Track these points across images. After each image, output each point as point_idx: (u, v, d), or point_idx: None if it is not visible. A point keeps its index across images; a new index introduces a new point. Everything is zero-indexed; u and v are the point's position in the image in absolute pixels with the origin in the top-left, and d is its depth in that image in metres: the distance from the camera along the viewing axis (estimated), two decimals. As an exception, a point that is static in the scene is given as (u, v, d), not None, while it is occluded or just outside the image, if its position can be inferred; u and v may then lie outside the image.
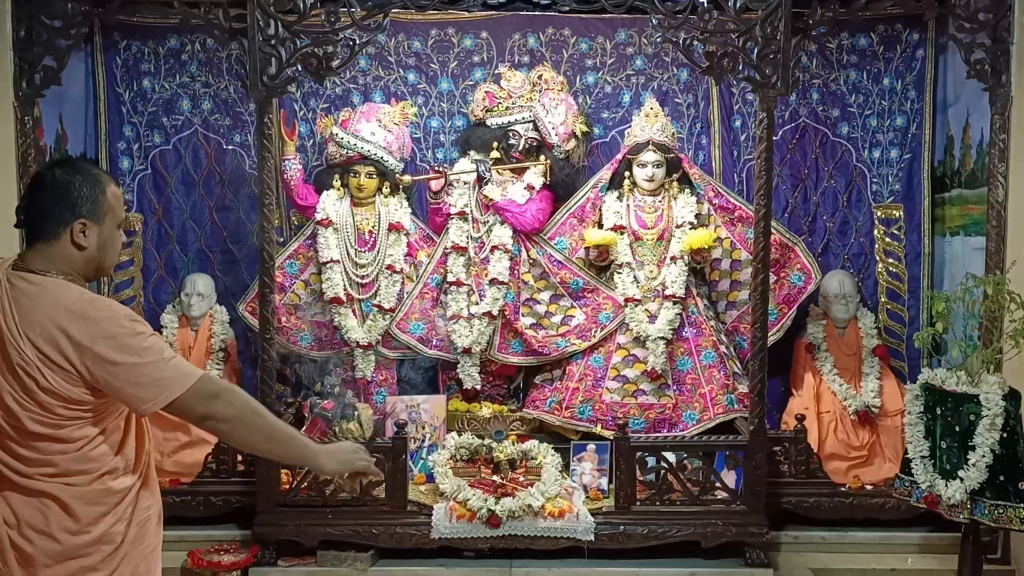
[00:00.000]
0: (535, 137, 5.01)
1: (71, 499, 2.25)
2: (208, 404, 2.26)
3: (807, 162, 5.21)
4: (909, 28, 5.04)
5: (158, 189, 5.20)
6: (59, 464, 2.24)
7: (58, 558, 2.24)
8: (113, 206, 2.32)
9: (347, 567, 4.31)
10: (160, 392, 2.22)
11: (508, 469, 4.49)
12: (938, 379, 3.88)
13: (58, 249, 2.27)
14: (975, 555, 3.93)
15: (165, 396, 2.22)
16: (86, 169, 2.32)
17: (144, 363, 2.21)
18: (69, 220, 2.26)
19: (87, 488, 2.26)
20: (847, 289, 5.00)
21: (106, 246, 2.33)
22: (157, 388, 2.22)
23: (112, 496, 2.30)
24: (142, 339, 2.22)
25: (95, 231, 2.29)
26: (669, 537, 4.34)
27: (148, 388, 2.21)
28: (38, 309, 2.20)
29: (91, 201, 2.27)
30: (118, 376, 2.19)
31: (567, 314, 5.03)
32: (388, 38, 5.11)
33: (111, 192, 2.32)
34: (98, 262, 2.33)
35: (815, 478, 4.64)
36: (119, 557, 2.31)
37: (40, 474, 2.23)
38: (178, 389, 2.23)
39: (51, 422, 2.21)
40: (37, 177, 2.31)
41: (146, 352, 2.22)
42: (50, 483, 2.24)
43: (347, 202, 4.97)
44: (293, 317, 5.01)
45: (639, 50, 5.22)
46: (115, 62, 5.09)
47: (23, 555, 2.24)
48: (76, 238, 2.27)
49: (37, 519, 2.23)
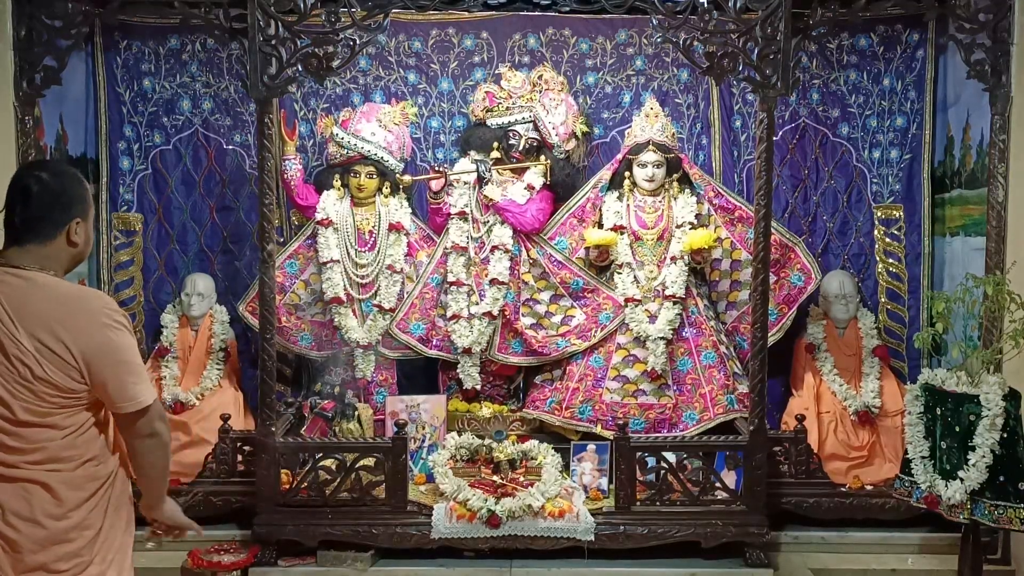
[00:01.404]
0: (535, 137, 5.01)
1: (58, 484, 2.33)
2: (158, 424, 2.43)
3: (807, 162, 5.21)
4: (909, 28, 5.04)
5: (158, 189, 5.20)
6: (48, 450, 2.32)
7: (44, 543, 2.32)
8: (91, 203, 2.49)
9: (347, 567, 4.31)
10: (138, 396, 2.36)
11: (508, 469, 4.49)
12: (938, 379, 3.88)
13: (52, 248, 2.37)
14: (975, 555, 3.94)
15: (141, 401, 2.36)
16: (68, 171, 2.46)
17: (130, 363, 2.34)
18: (66, 221, 2.38)
19: (72, 474, 2.35)
20: (847, 289, 5.00)
21: (88, 240, 2.48)
22: (133, 392, 2.36)
23: (94, 482, 2.39)
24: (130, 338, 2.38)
25: (84, 227, 2.44)
26: (669, 537, 4.34)
27: (129, 389, 2.35)
28: (31, 302, 2.28)
29: (82, 201, 2.43)
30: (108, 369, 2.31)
31: (567, 314, 5.03)
32: (388, 38, 5.12)
33: (89, 190, 2.49)
34: (81, 255, 2.47)
35: (815, 478, 4.64)
36: (99, 541, 2.40)
37: (26, 462, 2.30)
38: (148, 400, 2.39)
39: (42, 410, 2.30)
40: (25, 186, 2.37)
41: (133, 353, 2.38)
42: (36, 470, 2.31)
43: (347, 202, 4.97)
44: (293, 317, 5.01)
45: (639, 50, 5.22)
46: (115, 62, 5.09)
47: (9, 542, 2.31)
48: (73, 237, 2.39)
49: (22, 506, 2.31)
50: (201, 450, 4.67)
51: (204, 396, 4.93)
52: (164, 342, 5.02)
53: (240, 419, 4.87)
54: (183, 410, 4.86)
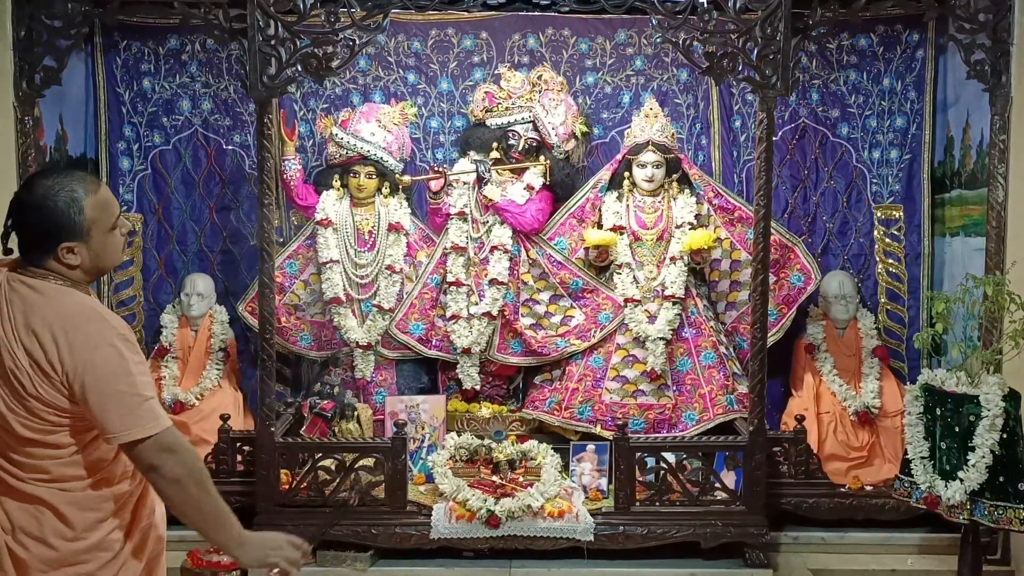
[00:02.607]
0: (535, 137, 5.01)
1: (65, 505, 2.21)
2: (161, 457, 2.18)
3: (807, 163, 5.20)
4: (909, 29, 5.04)
5: (158, 189, 5.20)
6: (51, 470, 2.21)
7: (53, 564, 2.21)
8: (97, 218, 2.24)
9: (347, 567, 4.31)
10: (127, 429, 2.16)
11: (507, 469, 4.49)
12: (938, 380, 3.88)
13: (54, 266, 2.23)
14: (975, 556, 3.93)
15: (130, 434, 2.16)
16: (64, 186, 2.21)
17: (122, 393, 2.16)
18: (52, 247, 2.20)
19: (81, 494, 2.23)
20: (847, 290, 5.00)
21: (100, 255, 2.27)
22: (124, 424, 2.15)
23: (108, 502, 2.27)
24: (128, 364, 2.17)
25: (82, 248, 2.23)
26: (668, 538, 4.34)
27: (117, 420, 2.15)
28: (36, 314, 2.17)
29: (69, 225, 2.20)
30: (95, 395, 2.15)
31: (566, 314, 5.03)
32: (388, 38, 5.11)
33: (92, 205, 2.22)
34: (96, 268, 2.29)
35: (815, 479, 4.64)
36: (118, 564, 2.27)
37: (33, 479, 2.21)
38: (143, 432, 2.16)
39: (39, 427, 2.18)
40: (18, 200, 2.23)
41: (129, 382, 2.17)
42: (44, 488, 2.21)
43: (347, 202, 4.97)
44: (293, 317, 5.01)
45: (639, 50, 5.22)
46: (115, 62, 5.09)
47: (18, 561, 2.21)
48: (65, 260, 2.22)
49: (32, 525, 2.21)
50: (201, 450, 4.65)
51: (204, 396, 4.93)
52: (164, 342, 5.02)
53: (240, 419, 4.87)
54: (183, 410, 4.86)
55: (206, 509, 2.25)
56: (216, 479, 4.56)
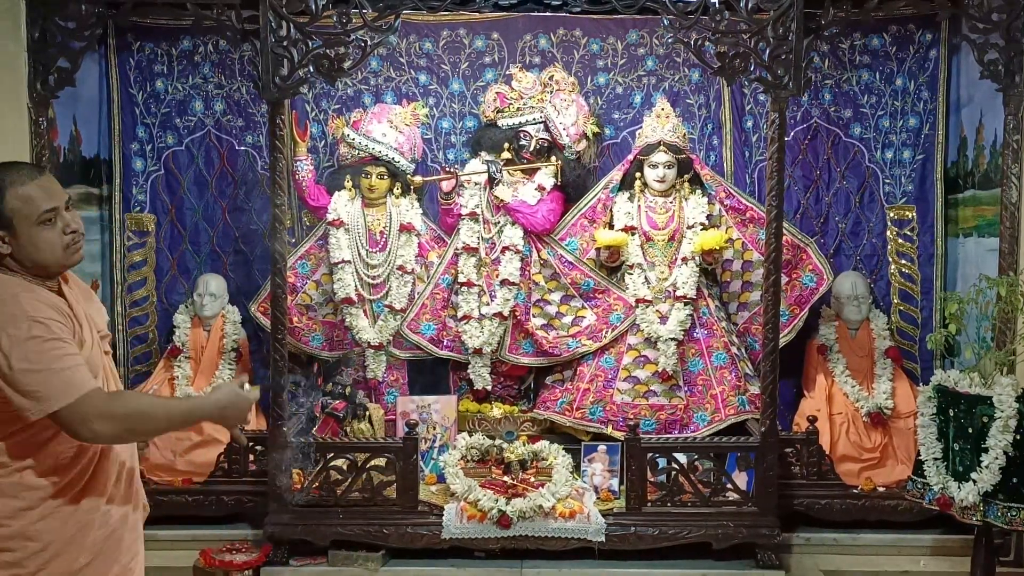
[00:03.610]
0: (546, 138, 5.02)
1: None
2: (87, 425, 2.16)
3: (819, 163, 5.19)
4: (922, 28, 5.02)
5: (171, 190, 5.22)
6: None
7: None
8: (19, 209, 2.23)
9: (358, 567, 4.32)
10: (38, 403, 2.14)
11: (519, 470, 4.49)
12: (951, 381, 3.86)
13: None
14: (988, 557, 3.92)
15: (43, 407, 2.14)
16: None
17: (31, 370, 2.13)
18: None
19: (5, 480, 2.21)
20: (859, 290, 4.98)
21: (28, 247, 2.26)
22: (35, 398, 2.14)
23: (30, 491, 2.24)
24: (37, 343, 2.15)
25: (11, 238, 2.24)
26: (680, 538, 4.33)
27: (28, 397, 2.14)
28: None
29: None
30: (4, 377, 2.14)
31: (578, 315, 5.02)
32: (399, 39, 5.12)
33: (13, 196, 2.23)
34: (32, 262, 2.27)
35: (827, 480, 4.62)
36: (47, 555, 2.24)
37: None
38: (56, 403, 2.14)
39: None
40: None
41: (37, 358, 2.14)
42: None
43: (358, 203, 4.98)
44: (305, 317, 5.03)
45: (650, 51, 5.22)
46: (128, 64, 5.11)
47: None
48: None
49: None
50: (213, 449, 4.69)
51: (216, 396, 4.94)
52: (176, 342, 5.04)
53: (252, 419, 4.88)
54: (195, 410, 4.87)
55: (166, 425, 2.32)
56: (228, 479, 4.66)
